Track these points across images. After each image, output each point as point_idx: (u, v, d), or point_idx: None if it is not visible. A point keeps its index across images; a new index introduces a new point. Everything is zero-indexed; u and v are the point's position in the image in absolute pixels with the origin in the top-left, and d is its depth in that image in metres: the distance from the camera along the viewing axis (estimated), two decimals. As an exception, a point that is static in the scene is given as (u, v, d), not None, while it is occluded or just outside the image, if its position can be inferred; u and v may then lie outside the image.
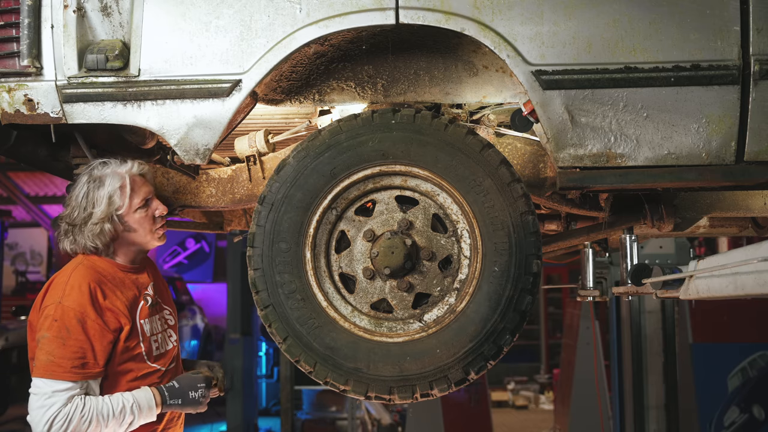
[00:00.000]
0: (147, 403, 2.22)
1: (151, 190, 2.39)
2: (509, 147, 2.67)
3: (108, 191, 2.28)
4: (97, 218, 2.27)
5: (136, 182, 2.34)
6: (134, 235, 2.34)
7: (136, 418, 2.20)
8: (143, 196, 2.34)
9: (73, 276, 2.22)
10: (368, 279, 2.23)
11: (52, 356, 2.12)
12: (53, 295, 2.20)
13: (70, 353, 2.12)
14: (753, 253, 2.30)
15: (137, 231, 2.34)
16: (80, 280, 2.21)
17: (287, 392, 8.34)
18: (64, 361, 2.12)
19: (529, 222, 2.14)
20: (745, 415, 5.94)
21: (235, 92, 2.17)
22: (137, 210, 2.32)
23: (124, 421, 2.17)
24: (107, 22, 2.22)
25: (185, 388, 2.31)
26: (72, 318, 2.14)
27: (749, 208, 2.98)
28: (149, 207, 2.36)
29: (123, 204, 2.30)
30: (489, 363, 2.13)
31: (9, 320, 10.79)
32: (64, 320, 2.14)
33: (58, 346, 2.12)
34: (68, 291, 2.18)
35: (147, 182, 2.39)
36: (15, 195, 14.04)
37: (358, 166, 2.19)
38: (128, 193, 2.30)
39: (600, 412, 6.97)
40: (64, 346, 2.12)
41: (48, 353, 2.12)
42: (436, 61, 2.42)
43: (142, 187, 2.35)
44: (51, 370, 2.11)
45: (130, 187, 2.31)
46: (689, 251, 3.13)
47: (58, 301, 2.16)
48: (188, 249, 14.54)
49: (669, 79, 2.10)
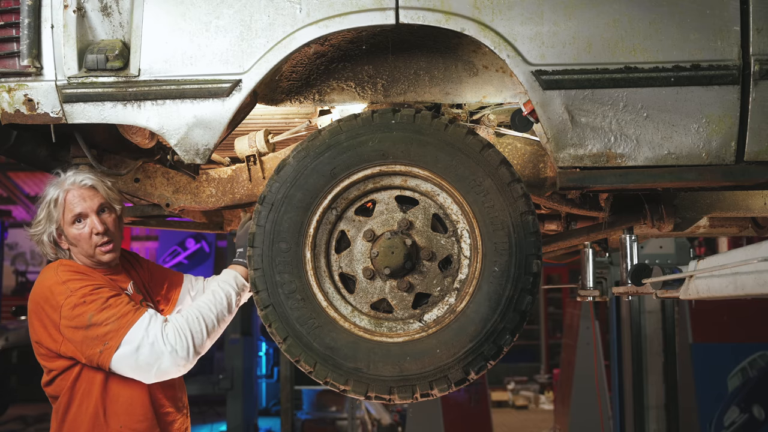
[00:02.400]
0: (231, 276, 2.41)
1: (93, 205, 2.32)
2: (509, 147, 2.67)
3: (47, 204, 2.32)
4: (41, 231, 2.32)
5: (73, 196, 2.31)
6: (77, 249, 2.34)
7: (233, 295, 2.37)
8: (78, 211, 2.30)
9: (59, 273, 2.27)
10: (368, 279, 2.22)
11: (113, 317, 2.18)
12: (59, 293, 2.21)
13: (119, 305, 2.20)
14: (753, 253, 2.30)
15: (77, 246, 2.34)
16: (68, 272, 2.27)
17: (287, 392, 8.34)
18: (122, 309, 2.19)
19: (529, 222, 2.14)
20: (745, 415, 5.94)
21: (235, 92, 2.17)
22: (73, 225, 2.32)
23: (224, 301, 2.34)
24: (107, 22, 2.22)
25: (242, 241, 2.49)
26: (89, 290, 2.21)
27: (749, 208, 2.98)
28: (84, 223, 2.31)
29: (58, 218, 2.31)
30: (489, 363, 2.13)
31: (9, 320, 10.80)
32: (87, 296, 2.19)
33: (106, 309, 2.18)
34: (68, 281, 2.23)
35: (92, 197, 2.33)
36: (15, 195, 14.04)
37: (358, 166, 2.19)
38: (61, 208, 2.30)
39: (600, 412, 6.97)
40: (109, 307, 2.19)
41: (106, 321, 2.17)
42: (436, 61, 2.42)
43: (80, 203, 2.31)
44: (124, 325, 2.17)
45: (63, 202, 2.30)
46: (689, 251, 3.13)
47: (68, 293, 2.20)
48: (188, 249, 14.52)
49: (669, 79, 2.10)
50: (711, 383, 6.00)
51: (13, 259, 15.22)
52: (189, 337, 2.20)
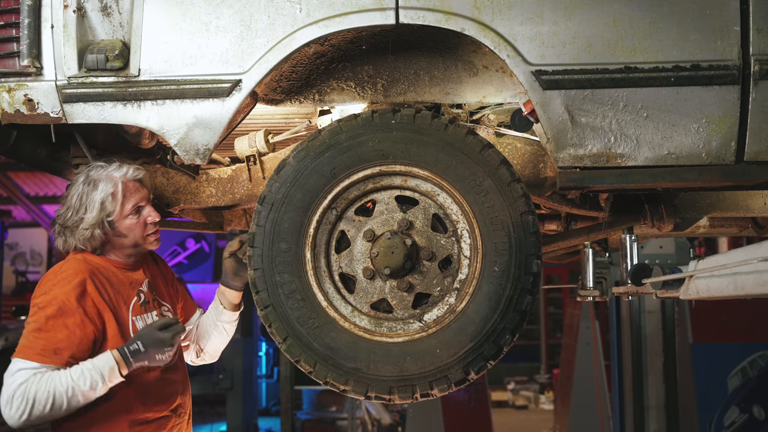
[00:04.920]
0: (108, 367, 2.16)
1: (145, 195, 2.38)
2: (509, 147, 2.67)
3: (101, 196, 2.30)
4: (88, 223, 2.30)
5: (129, 188, 2.34)
6: (125, 240, 2.36)
7: (100, 384, 2.14)
8: (135, 202, 2.34)
9: (64, 267, 2.26)
10: (368, 279, 2.22)
11: (27, 339, 2.17)
12: (43, 286, 2.24)
13: (44, 338, 2.16)
14: (753, 253, 2.30)
15: (128, 236, 2.35)
16: (71, 272, 2.24)
17: (287, 392, 8.34)
18: (37, 342, 2.15)
19: (529, 222, 2.14)
20: (745, 415, 5.94)
21: (235, 92, 2.17)
22: (128, 216, 2.33)
23: (86, 386, 2.12)
24: (107, 22, 2.22)
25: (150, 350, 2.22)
26: (54, 307, 2.18)
27: (749, 208, 2.98)
28: (141, 213, 2.36)
29: (114, 210, 2.31)
30: (489, 363, 2.13)
31: (9, 320, 10.79)
32: (46, 309, 2.18)
33: (34, 330, 2.17)
34: (57, 281, 2.22)
35: (141, 188, 2.38)
36: (15, 195, 14.04)
37: (358, 166, 2.19)
38: (120, 200, 2.31)
39: (600, 412, 6.97)
40: (39, 331, 2.16)
41: (24, 337, 2.18)
42: (436, 61, 2.42)
43: (135, 194, 2.35)
44: (22, 351, 2.15)
45: (122, 193, 2.32)
46: (689, 251, 3.14)
47: (47, 291, 2.21)
48: (188, 249, 14.52)
49: (669, 79, 2.10)
50: (711, 383, 6.00)
51: (13, 259, 15.21)
52: (29, 408, 2.09)
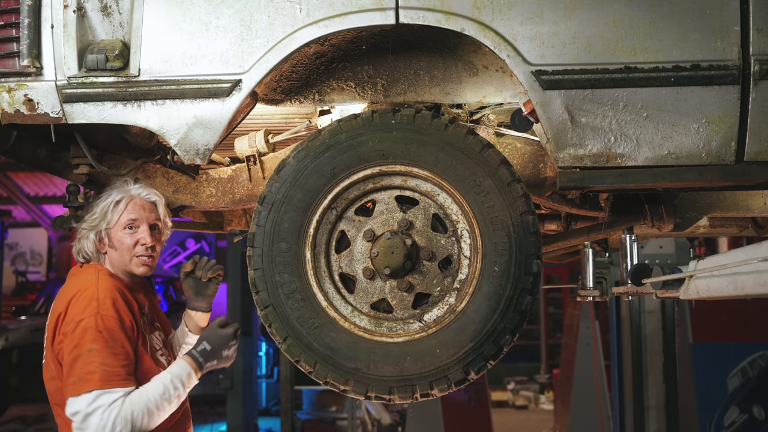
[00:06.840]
0: (185, 373, 2.23)
1: (149, 218, 2.33)
2: (509, 147, 2.67)
3: (107, 202, 2.31)
4: (88, 225, 2.31)
5: (135, 203, 2.32)
6: (115, 254, 2.32)
7: (182, 391, 2.22)
8: (134, 217, 2.31)
9: (101, 288, 2.21)
10: (368, 279, 2.22)
11: (107, 366, 2.10)
12: (88, 307, 2.17)
13: (122, 361, 2.13)
14: (753, 253, 2.30)
15: (117, 250, 2.32)
16: (108, 290, 2.21)
17: (287, 392, 8.33)
18: (120, 369, 2.12)
19: (529, 222, 2.14)
20: (745, 415, 5.94)
21: (235, 92, 2.17)
22: (123, 229, 2.30)
23: (171, 397, 2.18)
24: (107, 22, 2.22)
25: (217, 347, 2.31)
26: (115, 327, 2.15)
27: (749, 208, 2.98)
28: (135, 231, 2.31)
29: (112, 219, 2.30)
30: (489, 363, 2.13)
31: (9, 320, 10.80)
32: (109, 330, 2.13)
33: (110, 355, 2.11)
34: (102, 301, 2.17)
35: (151, 210, 2.35)
36: (15, 195, 14.05)
37: (358, 166, 2.19)
38: (121, 210, 2.30)
39: (600, 412, 6.97)
40: (115, 356, 2.12)
41: (102, 364, 2.10)
42: (436, 61, 2.42)
43: (138, 211, 2.32)
44: (109, 380, 2.09)
45: (125, 205, 2.31)
46: (689, 251, 3.13)
47: (96, 311, 2.15)
48: (188, 249, 14.54)
49: (669, 79, 2.10)
50: (711, 383, 6.00)
51: (13, 259, 15.23)
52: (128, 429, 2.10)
